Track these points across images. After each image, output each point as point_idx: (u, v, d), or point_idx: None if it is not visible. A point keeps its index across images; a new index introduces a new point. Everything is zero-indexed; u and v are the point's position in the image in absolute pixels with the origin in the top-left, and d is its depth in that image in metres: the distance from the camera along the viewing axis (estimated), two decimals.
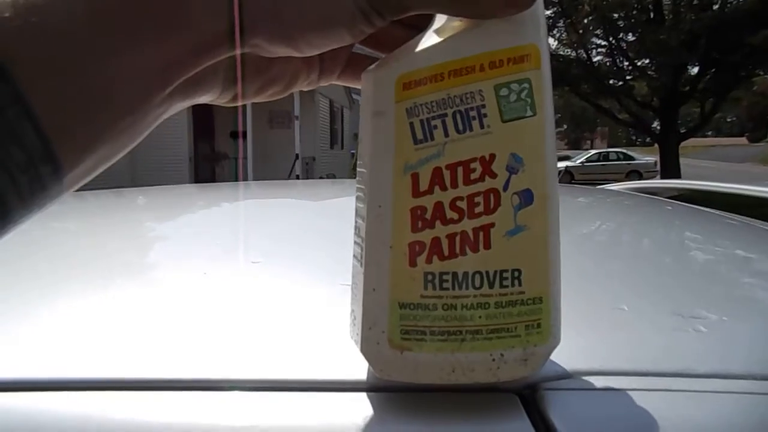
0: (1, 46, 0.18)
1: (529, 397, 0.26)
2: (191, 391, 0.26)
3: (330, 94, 12.78)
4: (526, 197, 0.25)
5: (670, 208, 0.91)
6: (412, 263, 0.25)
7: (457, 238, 0.25)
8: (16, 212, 0.19)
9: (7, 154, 0.18)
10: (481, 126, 0.24)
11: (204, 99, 0.25)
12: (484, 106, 0.24)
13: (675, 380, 0.27)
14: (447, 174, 0.24)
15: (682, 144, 13.33)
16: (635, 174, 15.96)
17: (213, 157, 10.92)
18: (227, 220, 0.75)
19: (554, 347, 0.27)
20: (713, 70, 12.13)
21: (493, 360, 0.25)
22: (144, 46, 0.21)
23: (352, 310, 0.28)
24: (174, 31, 0.21)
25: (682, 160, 13.54)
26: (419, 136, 0.24)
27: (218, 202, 0.93)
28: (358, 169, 0.27)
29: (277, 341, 0.32)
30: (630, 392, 0.26)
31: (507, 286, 0.25)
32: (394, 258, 0.25)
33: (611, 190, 1.48)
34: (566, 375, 0.27)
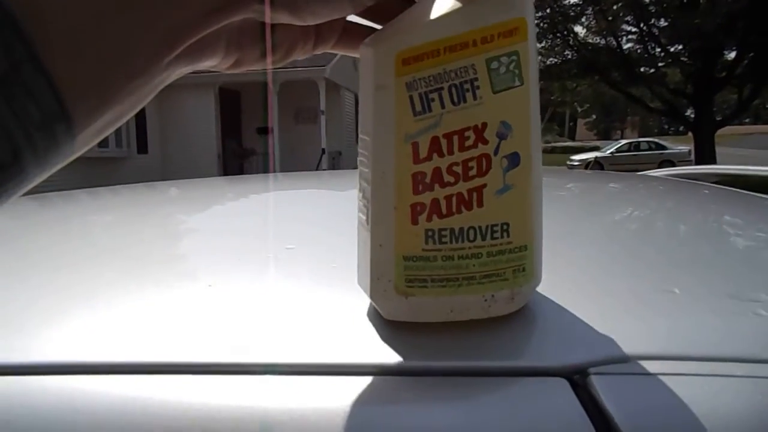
0: (15, 6, 0.19)
1: (579, 381, 0.25)
2: (224, 375, 0.26)
3: (355, 89, 12.83)
4: (514, 160, 0.28)
5: (707, 192, 0.88)
6: (415, 222, 0.28)
7: (454, 199, 0.28)
8: (30, 170, 0.20)
9: (23, 111, 0.19)
10: (474, 97, 0.27)
11: (207, 64, 0.27)
12: (476, 79, 0.27)
13: (735, 365, 0.26)
14: (444, 142, 0.27)
15: (718, 132, 12.89)
16: (668, 164, 15.51)
17: (241, 153, 11.13)
18: (262, 208, 0.77)
19: (537, 285, 0.30)
20: (752, 54, 11.68)
21: (485, 300, 0.29)
22: (153, 7, 0.21)
23: (360, 262, 0.31)
24: None
25: (718, 149, 13.11)
26: (418, 108, 0.27)
27: (252, 192, 0.95)
28: (360, 137, 0.30)
29: (309, 326, 0.31)
30: (686, 377, 0.25)
31: (497, 238, 0.28)
32: (398, 218, 0.28)
33: (650, 175, 1.40)
34: (616, 359, 0.26)
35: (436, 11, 0.27)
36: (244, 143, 11.40)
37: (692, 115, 13.13)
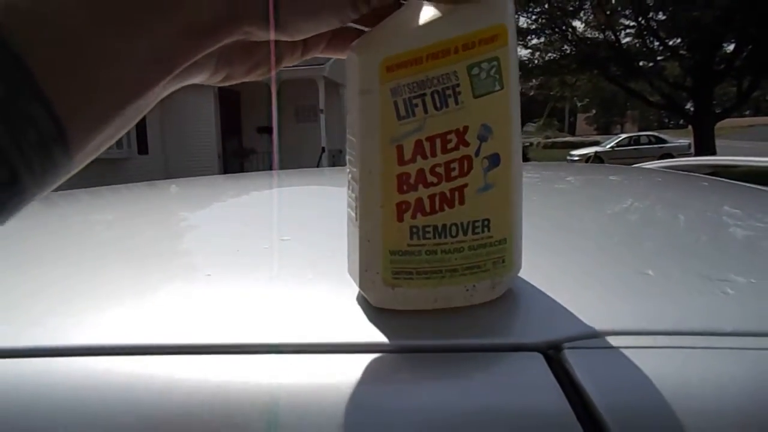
0: (14, 33, 0.19)
1: (553, 355, 0.27)
2: (226, 355, 0.28)
3: None
4: (494, 160, 0.29)
5: (702, 183, 0.89)
6: (400, 219, 0.30)
7: (437, 198, 0.29)
8: (29, 190, 0.21)
9: (22, 135, 0.20)
10: (456, 102, 0.29)
11: (196, 80, 0.28)
12: (458, 84, 0.28)
13: (700, 338, 0.28)
14: (427, 145, 0.29)
15: (718, 125, 12.89)
16: (668, 157, 15.45)
17: (241, 152, 11.15)
18: (260, 203, 0.79)
19: (516, 274, 0.33)
20: (750, 46, 11.65)
21: (467, 290, 0.31)
22: (143, 34, 0.22)
23: (349, 254, 0.33)
24: (170, 19, 0.23)
25: (719, 142, 13.11)
26: (402, 113, 0.29)
27: (251, 188, 0.97)
28: (348, 137, 0.32)
29: (303, 309, 0.33)
30: (654, 350, 0.27)
31: (478, 233, 0.30)
32: (384, 215, 0.30)
33: (644, 168, 1.44)
34: (588, 335, 0.28)
35: (419, 19, 0.28)
36: (244, 143, 11.41)
37: (692, 109, 13.12)
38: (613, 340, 0.28)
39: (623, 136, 20.27)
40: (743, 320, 0.30)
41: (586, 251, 0.45)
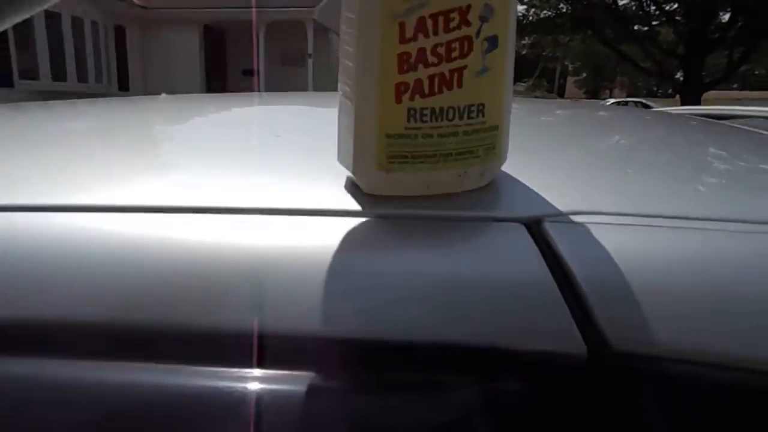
0: None
1: (534, 227, 0.29)
2: (221, 215, 0.30)
3: None
4: (493, 42, 0.30)
5: (692, 122, 0.92)
6: (398, 101, 0.30)
7: (436, 79, 0.30)
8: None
9: None
10: None
11: None
12: None
13: (669, 220, 0.30)
14: (430, 23, 0.29)
15: (705, 96, 12.92)
16: None
17: None
18: (251, 110, 0.80)
19: (503, 163, 0.34)
20: (745, 17, 11.56)
21: (459, 176, 0.32)
22: None
23: (340, 141, 0.33)
24: None
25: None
26: None
27: (241, 101, 0.97)
28: (346, 14, 0.31)
29: (291, 182, 0.36)
30: (627, 227, 0.29)
31: (473, 118, 0.31)
32: (382, 96, 0.30)
33: (634, 108, 1.46)
34: (567, 212, 0.30)
35: None
36: (229, 85, 11.10)
37: (681, 78, 13.10)
38: (590, 218, 0.30)
39: (611, 101, 20.20)
40: (710, 207, 0.32)
41: (570, 155, 0.46)
